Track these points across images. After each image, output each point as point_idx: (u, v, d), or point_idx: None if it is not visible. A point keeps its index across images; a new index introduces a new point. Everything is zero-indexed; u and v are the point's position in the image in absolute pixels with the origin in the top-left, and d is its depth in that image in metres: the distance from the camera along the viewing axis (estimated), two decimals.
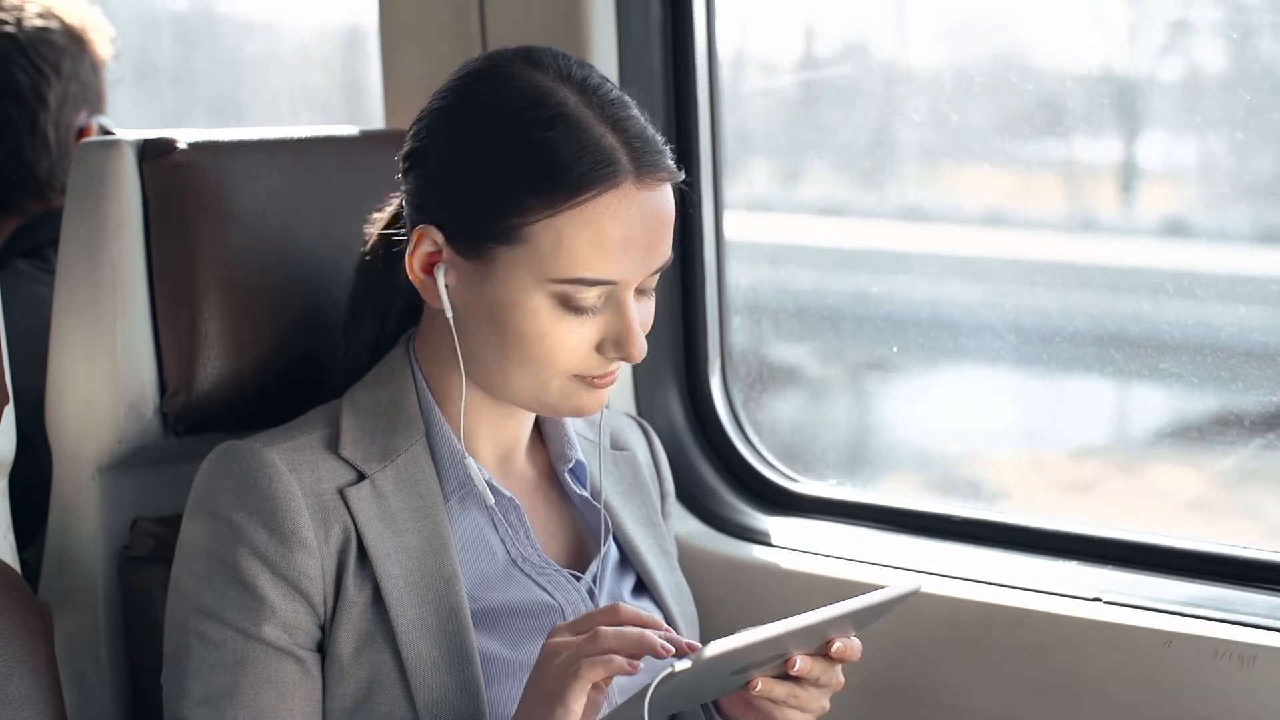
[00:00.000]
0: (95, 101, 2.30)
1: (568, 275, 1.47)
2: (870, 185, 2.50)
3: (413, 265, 1.54)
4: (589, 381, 1.53)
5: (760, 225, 2.53)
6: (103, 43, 2.31)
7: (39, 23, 2.24)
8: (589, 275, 1.48)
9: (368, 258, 1.65)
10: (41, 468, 1.78)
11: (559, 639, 1.42)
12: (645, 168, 1.49)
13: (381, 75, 2.20)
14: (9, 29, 2.22)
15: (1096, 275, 2.27)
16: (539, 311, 1.49)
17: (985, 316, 2.29)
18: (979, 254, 2.44)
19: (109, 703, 1.74)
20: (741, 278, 2.27)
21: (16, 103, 2.22)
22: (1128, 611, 1.75)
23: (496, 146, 1.49)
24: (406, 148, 1.56)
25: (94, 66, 2.29)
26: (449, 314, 1.53)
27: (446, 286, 1.53)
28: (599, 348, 1.51)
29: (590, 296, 1.49)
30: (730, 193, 2.18)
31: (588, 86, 1.50)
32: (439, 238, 1.52)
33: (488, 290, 1.51)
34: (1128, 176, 2.33)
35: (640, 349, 1.51)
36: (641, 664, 1.39)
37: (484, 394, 1.58)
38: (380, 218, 1.65)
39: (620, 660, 1.37)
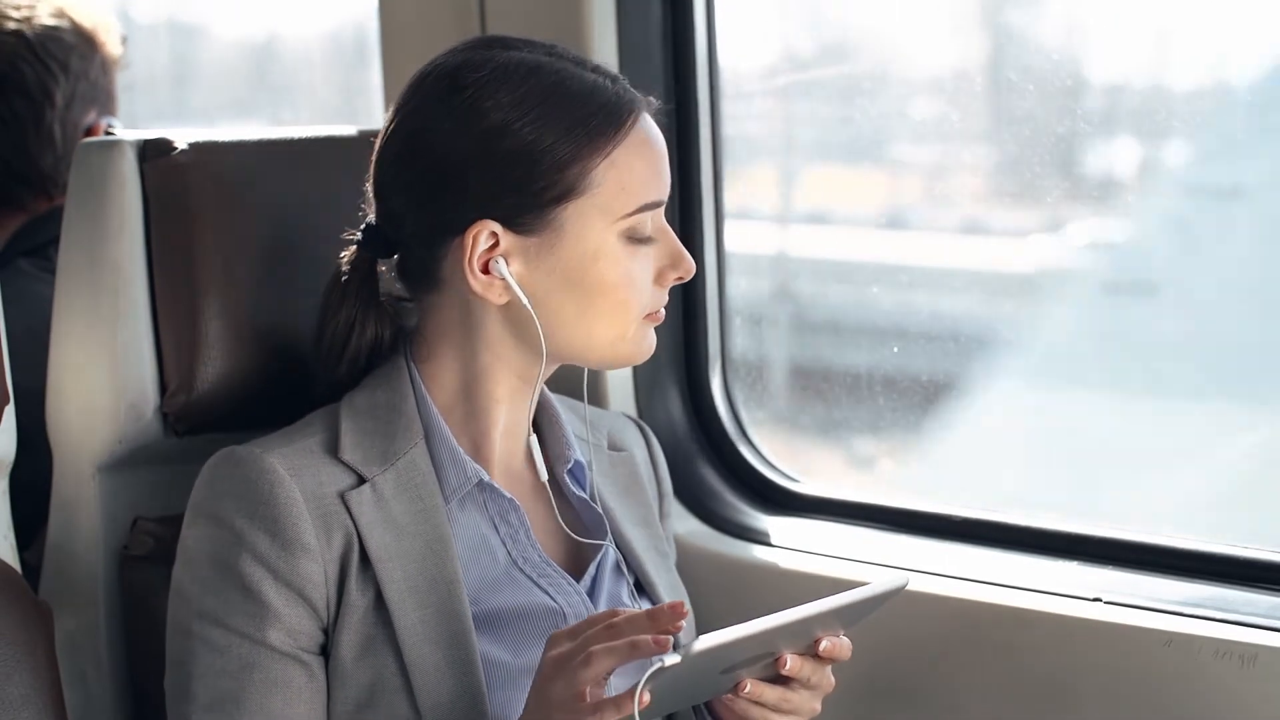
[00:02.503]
0: (105, 102, 2.30)
1: (637, 205, 1.54)
2: None
3: (472, 268, 1.54)
4: (651, 319, 1.59)
5: None
6: (115, 45, 2.31)
7: (49, 21, 2.24)
8: (650, 199, 1.56)
9: (345, 279, 1.62)
10: (42, 468, 1.78)
11: (559, 650, 1.42)
12: (641, 95, 1.58)
13: (382, 75, 2.20)
14: (19, 26, 2.23)
15: None
16: (616, 254, 1.54)
17: None
18: None
19: (109, 703, 1.74)
20: None
21: (23, 98, 2.23)
22: (1128, 611, 1.75)
23: (530, 115, 1.52)
24: (410, 172, 1.56)
25: (104, 67, 2.29)
26: (525, 301, 1.54)
27: (512, 276, 1.54)
28: (658, 279, 1.58)
29: (649, 224, 1.56)
30: None
31: (553, 50, 1.58)
32: (495, 228, 1.53)
33: (561, 255, 1.54)
34: None
35: (692, 261, 1.59)
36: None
37: (506, 386, 1.59)
38: (352, 238, 1.63)
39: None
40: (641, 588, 1.68)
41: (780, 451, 2.18)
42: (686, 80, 2.12)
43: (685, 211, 2.12)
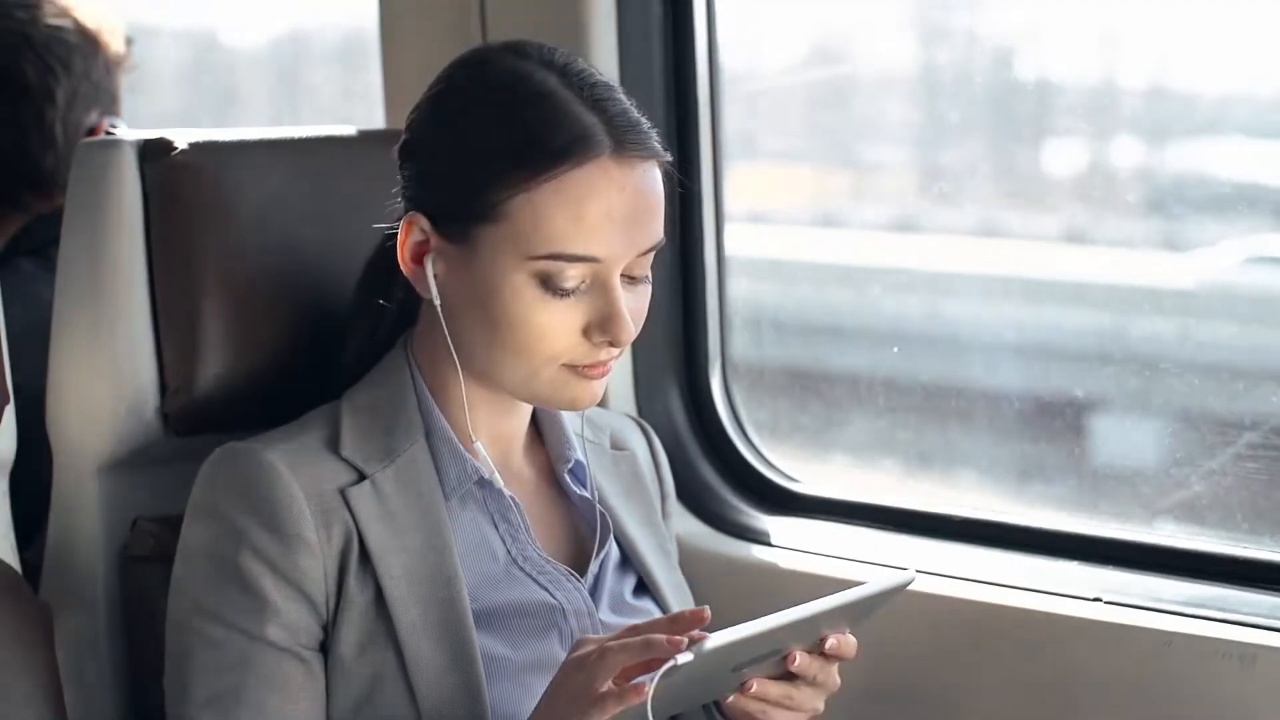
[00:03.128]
0: (108, 102, 2.30)
1: (547, 251, 1.47)
2: None
3: (403, 255, 1.54)
4: (580, 371, 1.52)
5: None
6: (119, 45, 2.31)
7: (53, 21, 2.24)
8: (568, 251, 1.47)
9: (372, 259, 1.65)
10: (42, 468, 1.78)
11: (581, 652, 1.41)
12: (625, 144, 1.48)
13: (382, 75, 2.21)
14: (22, 26, 2.23)
15: None
16: (521, 293, 1.48)
17: None
18: None
19: (109, 703, 1.74)
20: None
21: (25, 98, 2.23)
22: (1128, 611, 1.75)
23: (476, 126, 1.50)
24: (399, 143, 1.58)
25: (107, 68, 2.29)
26: (437, 303, 1.53)
27: (435, 276, 1.53)
28: (586, 333, 1.50)
29: (572, 276, 1.48)
30: None
31: (570, 70, 1.51)
32: (425, 225, 1.53)
33: (473, 274, 1.51)
34: None
35: (626, 332, 1.50)
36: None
37: (482, 392, 1.58)
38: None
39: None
40: (644, 587, 1.68)
41: None
42: (686, 80, 2.12)
43: (685, 212, 2.12)
